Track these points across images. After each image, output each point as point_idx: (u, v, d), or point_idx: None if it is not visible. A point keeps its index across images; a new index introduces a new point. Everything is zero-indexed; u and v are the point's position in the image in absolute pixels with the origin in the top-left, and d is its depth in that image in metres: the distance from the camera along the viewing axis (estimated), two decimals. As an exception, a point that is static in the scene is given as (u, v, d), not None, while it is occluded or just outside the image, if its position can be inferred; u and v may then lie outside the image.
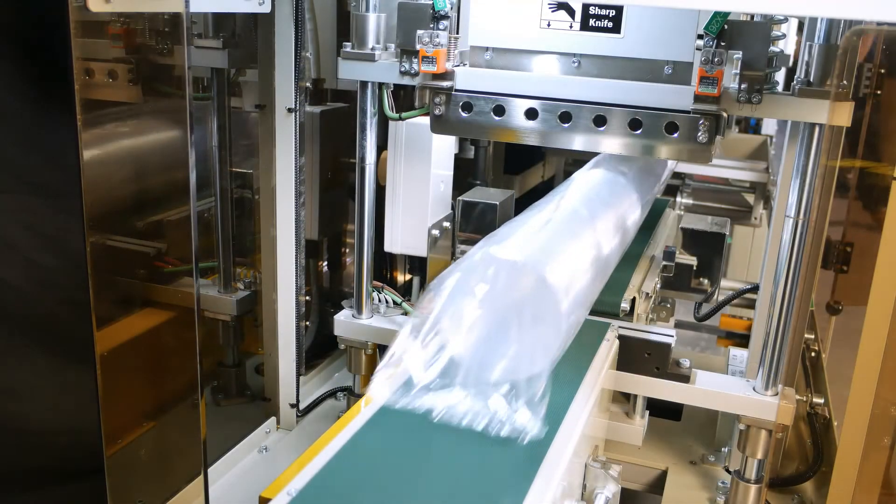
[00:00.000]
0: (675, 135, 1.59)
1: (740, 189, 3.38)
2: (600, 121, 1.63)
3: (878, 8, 1.23)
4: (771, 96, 1.53)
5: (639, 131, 1.61)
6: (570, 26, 1.63)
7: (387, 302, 2.09)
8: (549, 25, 1.64)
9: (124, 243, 1.84)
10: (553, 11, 1.63)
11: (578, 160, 3.12)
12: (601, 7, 1.59)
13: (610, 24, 1.60)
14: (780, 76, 1.88)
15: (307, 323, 2.39)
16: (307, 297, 2.32)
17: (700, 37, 1.52)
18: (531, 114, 1.68)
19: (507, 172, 3.12)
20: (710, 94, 1.49)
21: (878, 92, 2.10)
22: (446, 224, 2.24)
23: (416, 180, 2.12)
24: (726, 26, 1.47)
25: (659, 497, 1.99)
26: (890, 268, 1.54)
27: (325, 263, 2.62)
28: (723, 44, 1.48)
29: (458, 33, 1.71)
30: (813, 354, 2.42)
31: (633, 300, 2.00)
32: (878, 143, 2.20)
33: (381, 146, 2.05)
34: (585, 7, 1.61)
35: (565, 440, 1.34)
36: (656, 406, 1.98)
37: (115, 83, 1.61)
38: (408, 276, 2.48)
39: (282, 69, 2.00)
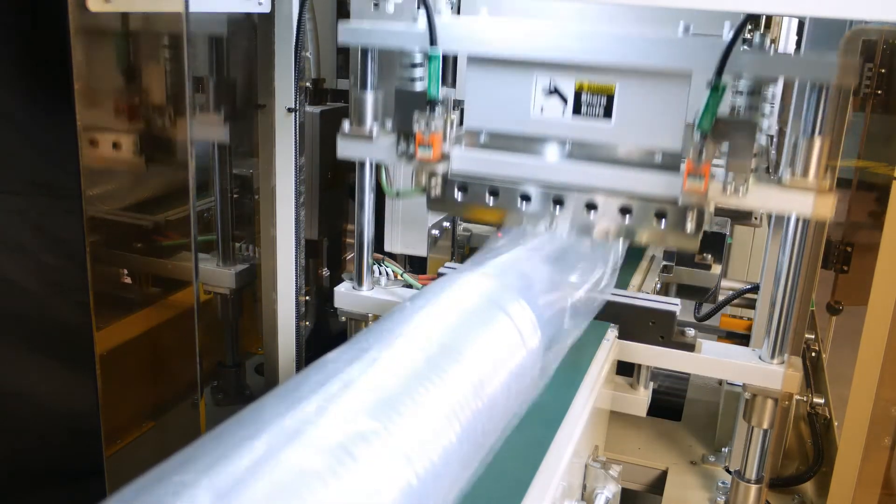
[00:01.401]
0: (663, 222, 1.58)
1: (740, 189, 3.38)
2: (592, 206, 1.63)
3: (878, 8, 1.23)
4: (757, 185, 1.50)
5: (628, 218, 1.61)
6: (563, 112, 1.62)
7: (388, 274, 2.05)
8: (542, 111, 1.64)
9: (124, 243, 1.85)
10: (546, 97, 1.63)
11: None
12: (592, 93, 1.59)
13: (601, 111, 1.60)
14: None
15: (307, 323, 2.39)
16: (307, 297, 2.32)
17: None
18: (526, 197, 1.67)
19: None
20: (697, 190, 1.48)
21: (879, 92, 2.10)
22: (446, 224, 2.24)
23: (416, 180, 2.12)
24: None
25: (659, 497, 1.99)
26: (890, 268, 1.54)
27: (325, 264, 2.62)
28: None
29: (455, 111, 1.70)
30: (813, 354, 2.42)
31: (633, 300, 2.00)
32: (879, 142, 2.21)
33: (381, 146, 2.05)
34: (577, 94, 1.60)
35: (565, 440, 1.34)
36: (657, 406, 1.98)
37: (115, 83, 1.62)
38: (408, 276, 2.48)
39: (282, 69, 2.00)
